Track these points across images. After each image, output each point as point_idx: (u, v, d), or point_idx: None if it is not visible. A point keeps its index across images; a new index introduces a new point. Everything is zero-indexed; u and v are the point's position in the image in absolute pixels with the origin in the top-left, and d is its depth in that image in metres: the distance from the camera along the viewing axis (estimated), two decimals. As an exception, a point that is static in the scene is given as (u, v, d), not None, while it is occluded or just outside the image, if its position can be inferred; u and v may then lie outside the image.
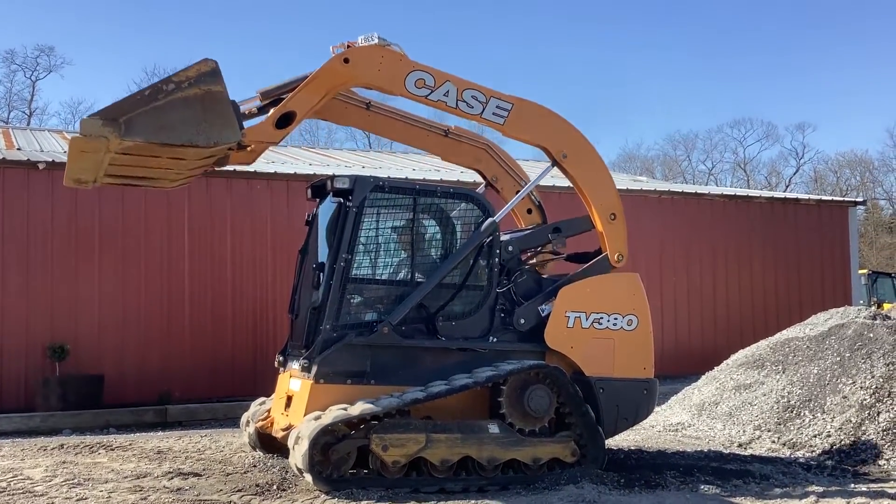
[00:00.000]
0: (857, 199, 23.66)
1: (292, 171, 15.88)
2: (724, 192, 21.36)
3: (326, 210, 8.37)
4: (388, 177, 13.02)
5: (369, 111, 9.11)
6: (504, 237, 8.63)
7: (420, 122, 9.38)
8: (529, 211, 9.61)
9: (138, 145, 6.93)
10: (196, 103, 6.91)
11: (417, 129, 9.36)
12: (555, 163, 8.58)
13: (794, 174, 60.98)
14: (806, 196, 22.49)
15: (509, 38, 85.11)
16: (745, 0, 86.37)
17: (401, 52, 8.20)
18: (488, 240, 8.17)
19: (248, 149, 8.30)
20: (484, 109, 8.30)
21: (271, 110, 8.03)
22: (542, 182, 8.99)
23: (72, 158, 7.61)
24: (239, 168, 15.58)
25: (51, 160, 13.88)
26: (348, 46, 8.17)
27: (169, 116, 6.85)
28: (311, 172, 15.72)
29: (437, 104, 8.23)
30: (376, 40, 8.12)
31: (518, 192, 9.26)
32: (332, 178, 8.07)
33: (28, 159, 13.82)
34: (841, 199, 23.56)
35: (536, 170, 9.31)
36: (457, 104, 8.24)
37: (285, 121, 7.93)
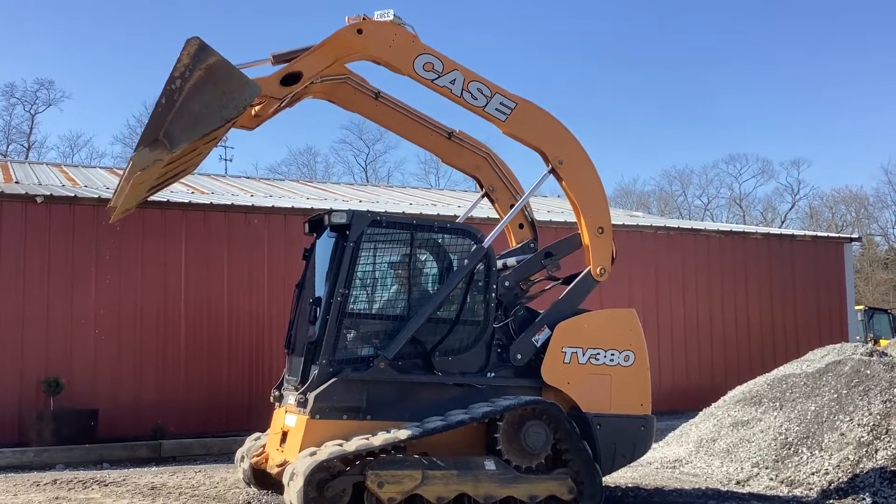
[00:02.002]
0: (853, 236, 23.74)
1: (290, 206, 15.93)
2: (720, 228, 21.45)
3: (324, 245, 8.39)
4: (385, 211, 13.08)
5: (377, 101, 9.19)
6: (498, 261, 8.62)
7: (425, 120, 9.41)
8: (521, 226, 9.62)
9: (185, 148, 7.09)
10: (207, 83, 7.06)
11: (422, 126, 9.40)
12: (551, 170, 8.56)
13: (790, 210, 61.32)
14: (801, 232, 22.58)
15: (506, 69, 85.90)
16: (740, 36, 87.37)
17: (414, 34, 8.27)
18: (483, 271, 8.16)
19: (253, 112, 8.39)
20: (488, 103, 8.33)
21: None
22: (540, 217, 9.02)
23: (129, 194, 7.80)
24: (237, 202, 15.67)
25: (49, 194, 13.91)
26: (364, 19, 8.24)
27: (194, 109, 7.02)
28: (309, 207, 15.77)
29: (442, 90, 8.24)
30: (391, 17, 8.19)
31: (513, 205, 9.27)
32: (330, 212, 8.10)
33: (26, 193, 13.84)
34: (836, 235, 23.65)
35: (536, 204, 9.31)
36: (461, 93, 8.26)
37: (291, 80, 7.98)
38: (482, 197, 9.93)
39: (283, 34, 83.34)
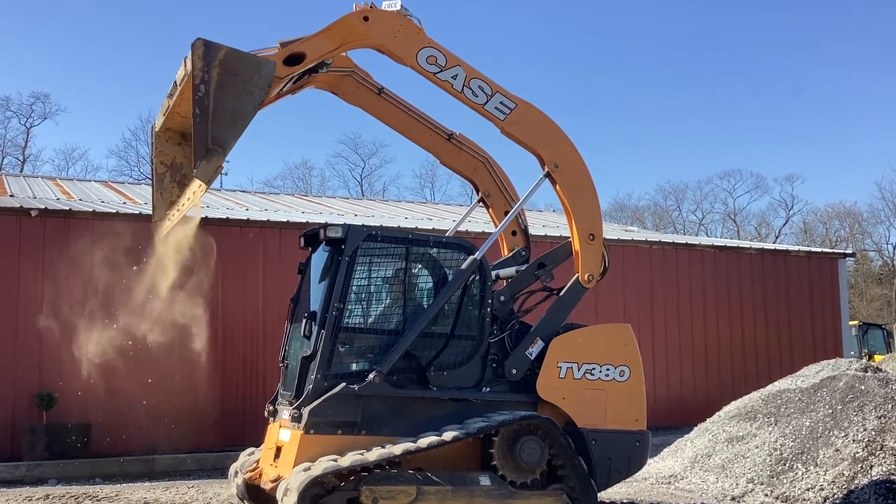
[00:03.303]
0: (847, 251, 23.80)
1: (285, 219, 15.92)
2: (715, 243, 21.48)
3: (319, 259, 8.37)
4: (381, 225, 13.08)
5: (380, 96, 9.24)
6: (492, 272, 8.61)
7: (426, 120, 9.45)
8: (514, 233, 9.61)
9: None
10: (227, 77, 7.13)
11: (422, 125, 9.43)
12: (546, 174, 8.53)
13: (784, 225, 61.52)
14: (796, 247, 22.62)
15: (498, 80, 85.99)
16: (734, 52, 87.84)
17: (419, 26, 8.30)
18: (479, 284, 8.15)
19: None
20: (488, 101, 8.32)
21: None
22: (534, 231, 9.00)
23: (186, 209, 7.93)
24: (232, 216, 15.67)
25: (43, 207, 13.90)
26: (371, 7, 8.26)
27: (227, 107, 7.11)
28: (304, 220, 15.78)
29: (443, 84, 8.24)
30: (398, 8, 8.24)
31: (507, 212, 9.28)
32: (325, 226, 8.08)
33: (21, 206, 13.82)
34: (831, 250, 23.73)
35: (531, 218, 9.30)
36: (462, 89, 8.25)
37: (294, 61, 8.02)
38: (478, 202, 9.94)
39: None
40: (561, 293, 8.59)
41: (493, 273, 8.91)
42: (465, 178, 9.87)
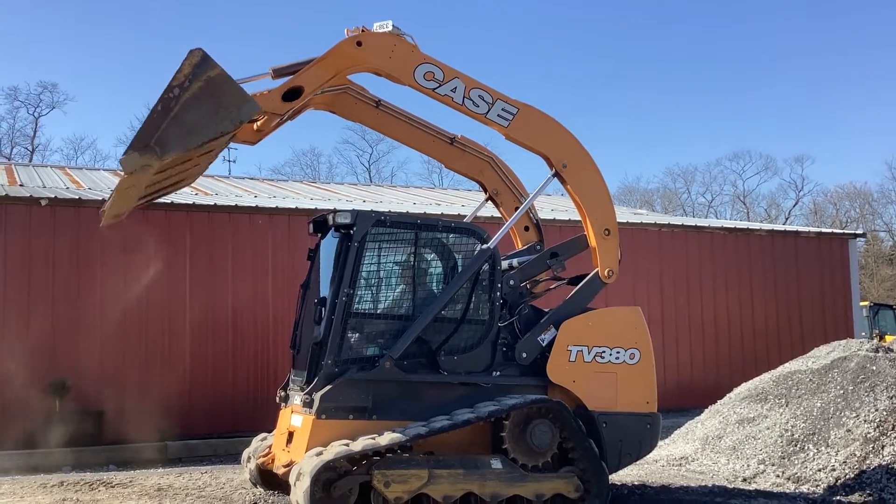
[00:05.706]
0: (857, 232, 23.70)
1: (294, 206, 15.95)
2: (724, 225, 21.42)
3: (328, 245, 8.38)
4: (390, 211, 13.07)
5: (378, 109, 9.24)
6: (504, 261, 8.62)
7: (427, 127, 9.43)
8: (527, 228, 9.62)
9: (175, 158, 7.06)
10: (205, 95, 6.99)
11: (423, 132, 9.43)
12: (555, 173, 8.57)
13: (794, 206, 61.23)
14: (806, 229, 22.53)
15: (507, 66, 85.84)
16: (743, 33, 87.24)
17: (413, 44, 8.29)
18: (488, 270, 8.16)
19: (255, 127, 8.40)
20: (489, 110, 8.34)
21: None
22: (543, 215, 8.99)
23: (116, 199, 7.77)
24: (241, 203, 15.69)
25: (53, 196, 13.94)
26: (363, 31, 8.26)
27: (190, 119, 6.94)
28: (313, 207, 15.78)
29: (443, 98, 8.27)
30: (390, 28, 8.22)
31: (517, 208, 9.27)
32: (334, 212, 8.09)
33: (30, 195, 13.87)
34: (841, 231, 23.62)
35: (539, 202, 9.29)
36: (463, 101, 8.29)
37: (293, 95, 8.00)
38: (486, 201, 9.95)
39: (283, 38, 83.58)
40: (579, 285, 8.61)
41: (508, 262, 8.94)
42: (473, 180, 9.86)
